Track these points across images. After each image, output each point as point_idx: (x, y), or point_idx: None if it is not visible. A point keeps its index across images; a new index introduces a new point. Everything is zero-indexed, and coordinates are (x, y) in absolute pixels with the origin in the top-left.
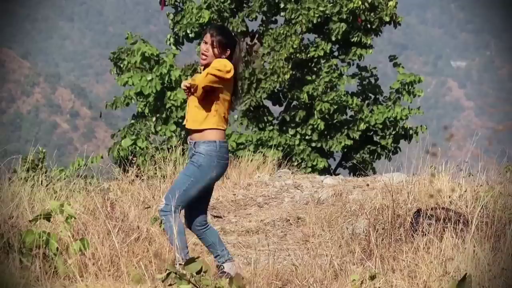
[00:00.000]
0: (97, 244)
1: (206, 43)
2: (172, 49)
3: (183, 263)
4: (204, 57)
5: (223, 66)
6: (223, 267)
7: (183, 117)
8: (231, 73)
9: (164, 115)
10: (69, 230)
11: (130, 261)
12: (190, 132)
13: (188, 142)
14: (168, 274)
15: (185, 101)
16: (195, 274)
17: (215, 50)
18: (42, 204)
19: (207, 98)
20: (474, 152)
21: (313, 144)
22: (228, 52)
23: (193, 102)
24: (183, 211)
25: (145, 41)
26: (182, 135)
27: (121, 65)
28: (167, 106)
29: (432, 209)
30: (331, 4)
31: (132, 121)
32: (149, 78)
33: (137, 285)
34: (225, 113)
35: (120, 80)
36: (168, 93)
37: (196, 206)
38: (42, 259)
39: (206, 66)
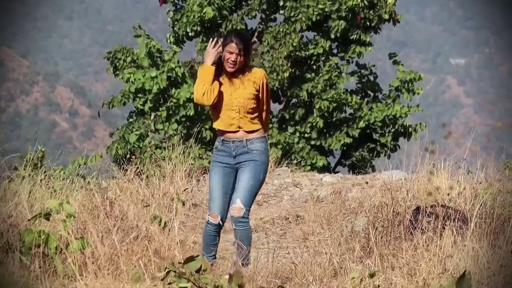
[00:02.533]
0: (97, 243)
1: (231, 53)
2: (173, 47)
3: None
4: (232, 65)
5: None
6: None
7: (185, 116)
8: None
9: (165, 113)
10: (69, 229)
11: (129, 259)
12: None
13: (231, 141)
14: (167, 273)
15: (188, 100)
16: (194, 273)
17: (242, 57)
18: (42, 203)
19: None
20: (473, 149)
21: (312, 142)
22: (250, 51)
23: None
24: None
25: (149, 36)
26: (183, 135)
27: (117, 64)
28: (169, 104)
29: (431, 206)
30: (330, 2)
31: (130, 120)
32: (153, 74)
33: (137, 284)
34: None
35: (122, 75)
36: (173, 90)
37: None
38: (41, 258)
39: (234, 73)
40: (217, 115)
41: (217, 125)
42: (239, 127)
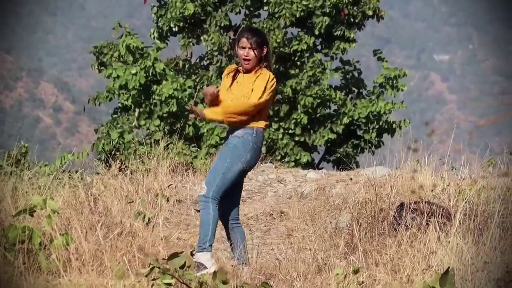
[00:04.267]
0: (81, 239)
1: (243, 48)
2: (157, 43)
3: (209, 253)
4: (247, 62)
5: (272, 85)
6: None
7: (168, 112)
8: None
9: (147, 109)
10: (53, 225)
11: (113, 256)
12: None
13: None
14: (151, 269)
15: (171, 97)
16: (178, 269)
17: (255, 51)
18: (26, 199)
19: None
20: (457, 146)
21: (297, 138)
22: (265, 49)
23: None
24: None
25: (130, 33)
26: (166, 130)
27: (104, 60)
28: (152, 100)
29: (415, 203)
30: None
31: (115, 116)
32: (133, 71)
33: (121, 280)
34: (268, 112)
35: (105, 72)
36: (154, 87)
37: (229, 199)
38: (25, 254)
39: (249, 70)
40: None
41: None
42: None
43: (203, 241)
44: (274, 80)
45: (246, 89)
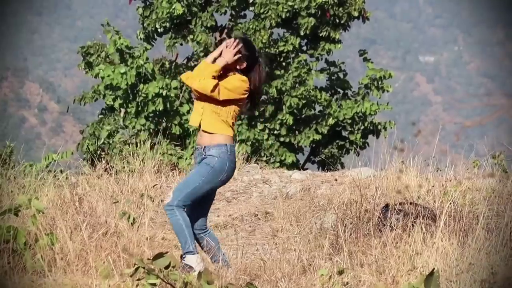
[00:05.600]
0: (66, 239)
1: (227, 46)
2: (145, 44)
3: (196, 255)
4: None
5: (241, 88)
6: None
7: (154, 111)
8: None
9: (134, 109)
10: (38, 225)
11: (98, 256)
12: (199, 134)
13: (196, 148)
14: (136, 269)
15: (157, 95)
16: (163, 269)
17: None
18: (11, 199)
19: (223, 105)
20: (443, 147)
21: (282, 139)
22: (244, 65)
23: (209, 107)
24: None
25: (118, 32)
26: (151, 130)
27: (90, 60)
28: (138, 99)
29: (400, 204)
30: None
31: (101, 116)
32: (122, 71)
33: (106, 280)
34: (233, 121)
35: (92, 72)
36: (141, 86)
37: (197, 209)
38: (10, 254)
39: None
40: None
41: (190, 119)
42: (200, 125)
43: (186, 246)
44: (245, 81)
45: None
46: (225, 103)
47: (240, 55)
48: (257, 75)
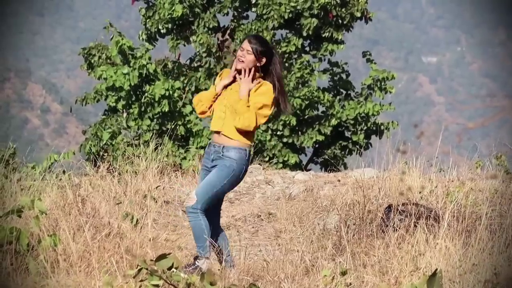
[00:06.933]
0: (69, 240)
1: (242, 49)
2: (146, 44)
3: (207, 260)
4: (240, 61)
5: (271, 99)
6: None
7: (160, 113)
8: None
9: (137, 110)
10: (41, 226)
11: (101, 257)
12: (218, 135)
13: (212, 145)
14: (139, 270)
15: (163, 97)
16: (166, 270)
17: (252, 56)
18: (13, 200)
19: None
20: (445, 148)
21: (285, 140)
22: (264, 60)
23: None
24: None
25: (121, 34)
26: (155, 131)
27: (92, 61)
28: (143, 100)
29: (403, 204)
30: (303, 0)
31: (103, 117)
32: (125, 71)
33: (108, 281)
34: (258, 126)
35: (95, 73)
36: (147, 87)
37: (215, 206)
38: (13, 255)
39: (240, 71)
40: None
41: (211, 125)
42: (221, 130)
43: (204, 252)
44: (270, 90)
45: (237, 95)
46: None
47: (256, 65)
48: (277, 65)
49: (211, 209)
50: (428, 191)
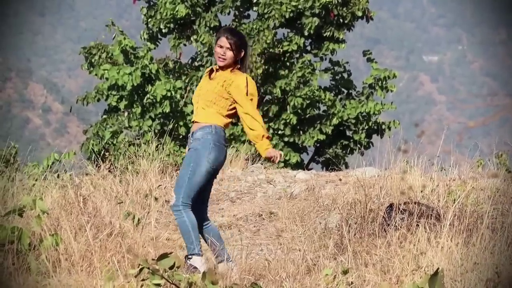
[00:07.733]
0: (70, 240)
1: (221, 47)
2: (148, 44)
3: (201, 256)
4: (222, 59)
5: (255, 90)
6: (217, 267)
7: (161, 113)
8: None
9: (139, 110)
10: (42, 226)
11: (103, 256)
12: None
13: (190, 136)
14: (141, 270)
15: (164, 97)
16: (168, 270)
17: (232, 52)
18: (15, 199)
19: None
20: (446, 147)
21: (286, 139)
22: (243, 52)
23: (203, 102)
24: None
25: (123, 33)
26: (157, 131)
27: (93, 60)
28: (145, 100)
29: (404, 203)
30: None
31: (104, 116)
32: (127, 71)
33: (110, 281)
34: (230, 113)
35: (97, 72)
36: (149, 87)
37: (200, 202)
38: (14, 255)
39: (224, 67)
40: None
41: None
42: (194, 119)
43: (192, 248)
44: (252, 82)
45: (215, 83)
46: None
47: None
48: (249, 54)
49: (197, 203)
50: (429, 190)
